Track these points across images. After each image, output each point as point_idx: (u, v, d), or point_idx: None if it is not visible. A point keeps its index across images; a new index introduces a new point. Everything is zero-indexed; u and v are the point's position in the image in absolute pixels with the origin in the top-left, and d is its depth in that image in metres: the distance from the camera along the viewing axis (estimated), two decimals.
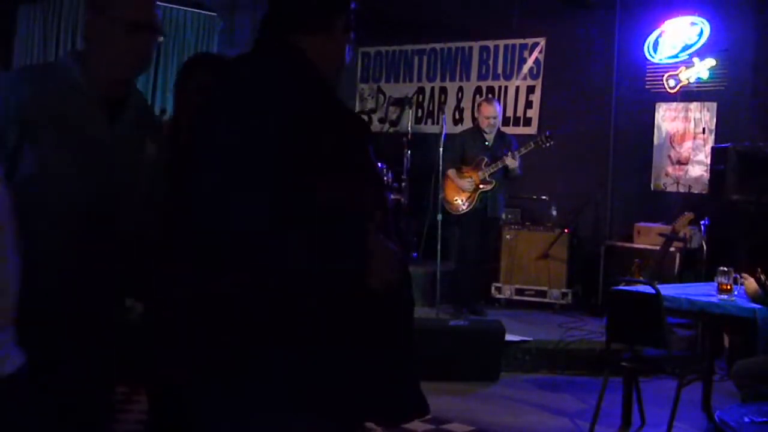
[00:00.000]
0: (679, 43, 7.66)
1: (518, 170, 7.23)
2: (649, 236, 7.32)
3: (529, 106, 8.64)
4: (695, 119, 7.65)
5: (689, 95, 7.65)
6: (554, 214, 8.01)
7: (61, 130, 2.13)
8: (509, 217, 8.02)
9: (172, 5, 8.29)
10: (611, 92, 8.07)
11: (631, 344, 5.04)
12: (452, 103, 9.18)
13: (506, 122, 8.38)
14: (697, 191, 7.57)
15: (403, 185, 8.26)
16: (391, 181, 8.14)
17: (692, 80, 7.58)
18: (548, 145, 7.24)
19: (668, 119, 7.81)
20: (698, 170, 7.60)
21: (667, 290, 4.81)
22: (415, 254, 8.14)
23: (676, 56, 7.67)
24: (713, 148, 7.20)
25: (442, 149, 7.17)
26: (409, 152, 8.35)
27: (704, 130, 7.58)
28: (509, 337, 6.19)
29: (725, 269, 4.77)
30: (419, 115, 9.33)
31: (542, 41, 8.54)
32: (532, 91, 8.63)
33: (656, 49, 7.80)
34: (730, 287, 4.73)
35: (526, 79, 8.66)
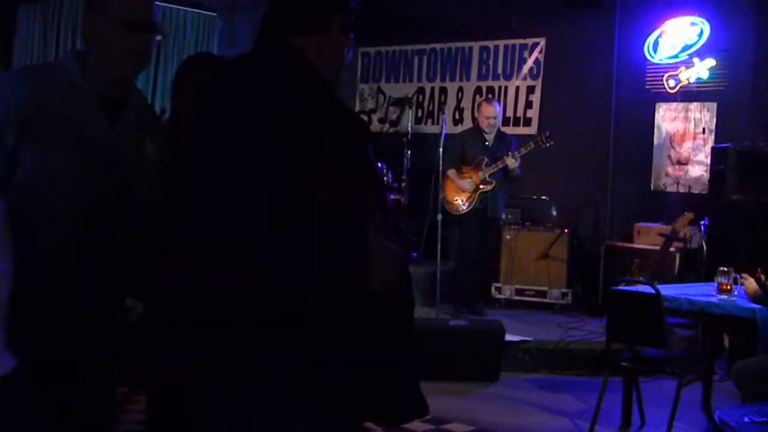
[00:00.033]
0: (679, 43, 7.66)
1: (518, 170, 7.23)
2: (649, 236, 7.32)
3: (529, 106, 8.64)
4: (695, 119, 7.65)
5: (689, 95, 7.65)
6: (554, 214, 8.01)
7: (60, 130, 2.13)
8: (509, 217, 8.02)
9: (172, 5, 8.28)
10: (611, 92, 8.07)
11: (631, 344, 5.04)
12: (452, 103, 9.18)
13: (506, 122, 8.38)
14: (697, 191, 7.57)
15: (403, 185, 8.26)
16: (391, 181, 8.14)
17: (692, 80, 7.58)
18: (548, 145, 7.24)
19: (668, 119, 7.81)
20: (698, 170, 7.60)
21: (667, 290, 4.81)
22: (415, 254, 8.14)
23: (676, 56, 7.67)
24: (713, 148, 7.20)
25: (442, 149, 7.17)
26: (409, 152, 8.36)
27: (704, 130, 7.58)
28: (509, 337, 6.19)
29: (725, 269, 4.77)
30: (419, 115, 9.33)
31: (542, 41, 8.54)
32: (532, 91, 8.63)
33: (656, 49, 7.80)
34: (730, 287, 4.73)
35: (526, 79, 8.66)
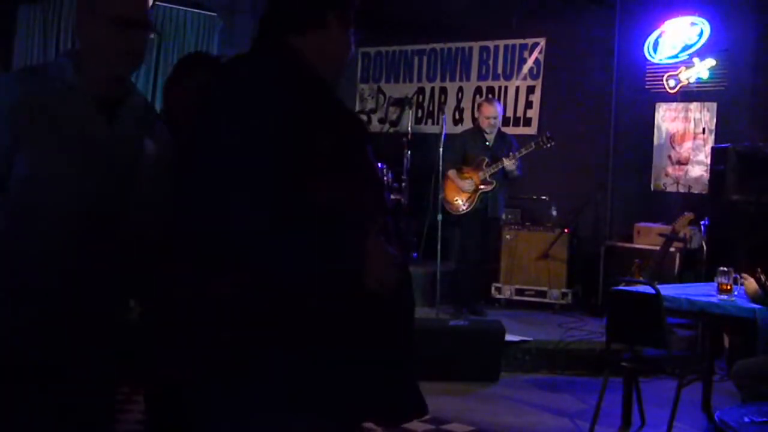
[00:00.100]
0: (679, 43, 7.66)
1: (517, 171, 7.23)
2: (649, 236, 7.32)
3: (529, 106, 8.64)
4: (695, 119, 7.65)
5: (689, 95, 7.65)
6: (554, 214, 8.01)
7: (58, 130, 2.12)
8: (509, 217, 8.02)
9: (172, 5, 8.28)
10: (611, 92, 8.07)
11: (631, 344, 5.04)
12: (452, 103, 9.18)
13: (506, 122, 8.37)
14: (697, 191, 7.57)
15: (403, 185, 8.27)
16: (391, 181, 8.14)
17: (692, 80, 7.58)
18: (549, 145, 7.24)
19: (668, 119, 7.81)
20: (698, 170, 7.60)
21: (667, 290, 4.81)
22: (415, 254, 8.14)
23: (676, 56, 7.67)
24: (713, 148, 7.20)
25: (442, 149, 7.18)
26: (409, 152, 8.36)
27: (704, 130, 7.58)
28: (509, 337, 6.19)
29: (725, 269, 4.77)
30: (419, 115, 9.33)
31: (542, 41, 8.54)
32: (532, 91, 8.63)
33: (656, 49, 7.80)
34: (730, 287, 4.73)
35: (526, 79, 8.66)
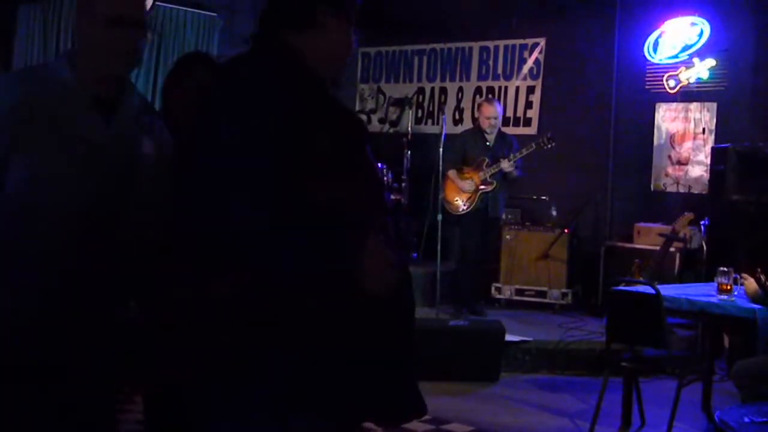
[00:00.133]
0: (679, 43, 7.65)
1: (516, 172, 7.23)
2: (649, 236, 7.31)
3: (529, 106, 8.64)
4: (695, 119, 7.64)
5: (689, 95, 7.65)
6: (554, 214, 8.01)
7: (57, 130, 2.12)
8: (509, 217, 8.02)
9: (172, 5, 8.27)
10: (611, 92, 8.07)
11: (631, 344, 5.03)
12: (452, 103, 9.17)
13: (506, 122, 8.37)
14: (697, 191, 7.57)
15: (403, 185, 8.26)
16: (391, 181, 8.14)
17: (692, 80, 7.57)
18: (550, 146, 7.23)
19: (668, 119, 7.81)
20: (698, 170, 7.60)
21: (667, 290, 4.81)
22: (415, 254, 8.13)
23: (676, 56, 7.67)
24: (713, 148, 7.20)
25: (442, 149, 7.17)
26: (409, 152, 8.36)
27: (704, 130, 7.58)
28: (509, 337, 6.18)
29: (725, 269, 4.77)
30: (419, 115, 9.33)
31: (542, 41, 8.54)
32: (532, 91, 8.63)
33: (656, 49, 7.80)
34: (730, 287, 4.73)
35: (526, 79, 8.66)
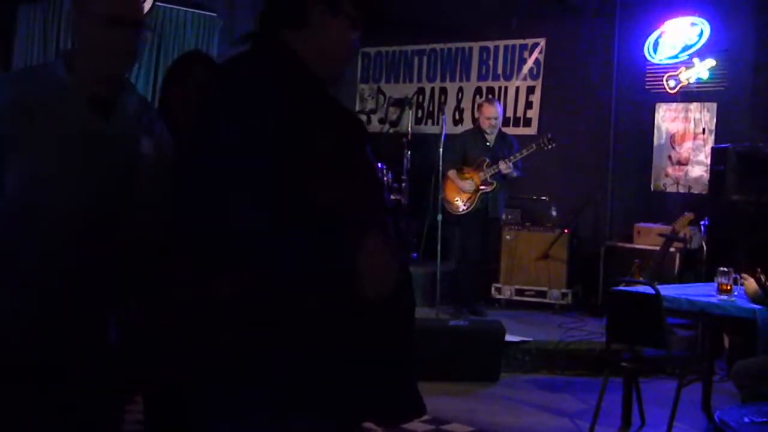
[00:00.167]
0: (679, 43, 7.65)
1: (515, 173, 7.23)
2: (649, 236, 7.31)
3: (529, 106, 8.64)
4: (695, 119, 7.65)
5: (689, 95, 7.65)
6: (554, 214, 8.01)
7: (56, 130, 2.12)
8: (509, 217, 8.02)
9: (172, 5, 8.27)
10: (611, 92, 8.07)
11: (631, 344, 5.03)
12: (452, 103, 9.17)
13: (506, 123, 8.36)
14: (697, 191, 7.57)
15: (403, 185, 8.26)
16: (391, 181, 8.14)
17: (692, 80, 7.57)
18: (550, 147, 7.23)
19: (668, 119, 7.81)
20: (698, 171, 7.60)
21: (667, 290, 4.81)
22: (415, 254, 8.14)
23: (676, 57, 7.67)
24: (713, 148, 7.20)
25: (442, 150, 7.17)
26: (409, 152, 8.36)
27: (704, 130, 7.58)
28: (509, 337, 6.18)
29: (725, 269, 4.77)
30: (419, 115, 9.33)
31: (542, 42, 8.54)
32: (532, 91, 8.63)
33: (656, 49, 7.80)
34: (730, 287, 4.73)
35: (526, 79, 8.66)
